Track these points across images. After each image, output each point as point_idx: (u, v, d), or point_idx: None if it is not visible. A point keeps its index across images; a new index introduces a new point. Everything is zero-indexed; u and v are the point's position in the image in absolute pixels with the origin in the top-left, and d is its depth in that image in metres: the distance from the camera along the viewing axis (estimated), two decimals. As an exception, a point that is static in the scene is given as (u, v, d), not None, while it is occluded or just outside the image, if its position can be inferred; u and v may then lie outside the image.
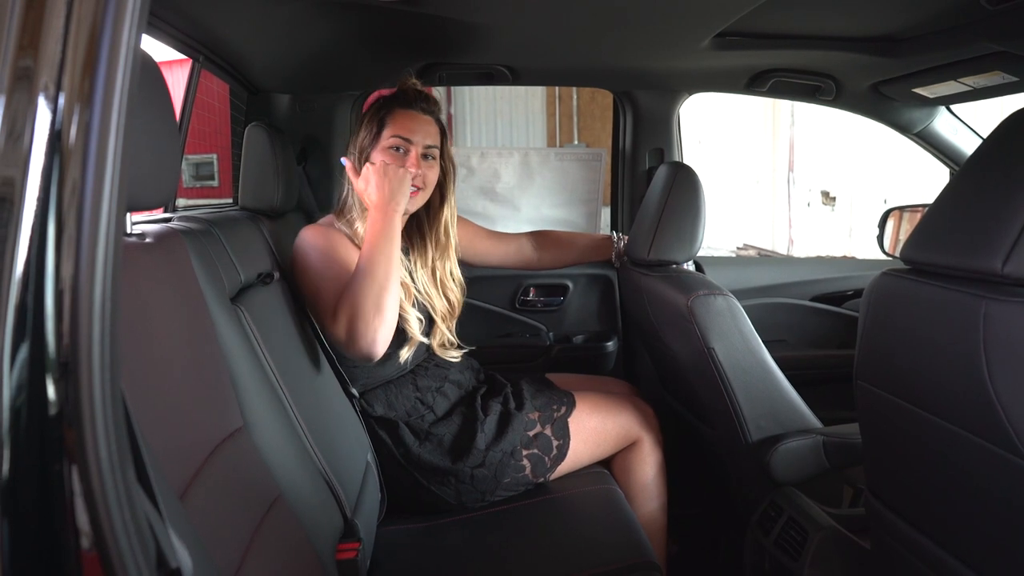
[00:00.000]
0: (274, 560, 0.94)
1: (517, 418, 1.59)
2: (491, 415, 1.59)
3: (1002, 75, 1.53)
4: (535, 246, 1.99)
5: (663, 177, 1.80)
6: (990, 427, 0.80)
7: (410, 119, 1.54)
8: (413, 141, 1.53)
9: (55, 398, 0.47)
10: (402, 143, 1.53)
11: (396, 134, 1.53)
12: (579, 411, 1.65)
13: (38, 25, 0.47)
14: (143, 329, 0.82)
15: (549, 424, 1.62)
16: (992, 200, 0.82)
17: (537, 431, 1.60)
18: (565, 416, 1.64)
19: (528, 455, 1.57)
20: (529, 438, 1.59)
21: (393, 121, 1.53)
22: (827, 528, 1.35)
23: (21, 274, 0.46)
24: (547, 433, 1.61)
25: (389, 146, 1.52)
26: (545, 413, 1.63)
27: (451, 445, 1.54)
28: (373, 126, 1.54)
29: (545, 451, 1.59)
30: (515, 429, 1.57)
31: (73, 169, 0.47)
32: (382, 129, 1.53)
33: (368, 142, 1.54)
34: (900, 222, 2.03)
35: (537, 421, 1.61)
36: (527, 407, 1.63)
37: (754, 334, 1.48)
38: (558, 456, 1.60)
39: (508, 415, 1.60)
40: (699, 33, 1.55)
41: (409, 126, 1.54)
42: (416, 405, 1.58)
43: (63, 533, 0.47)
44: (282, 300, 1.39)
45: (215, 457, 0.88)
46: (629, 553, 1.34)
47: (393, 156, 1.52)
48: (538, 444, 1.59)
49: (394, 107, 1.55)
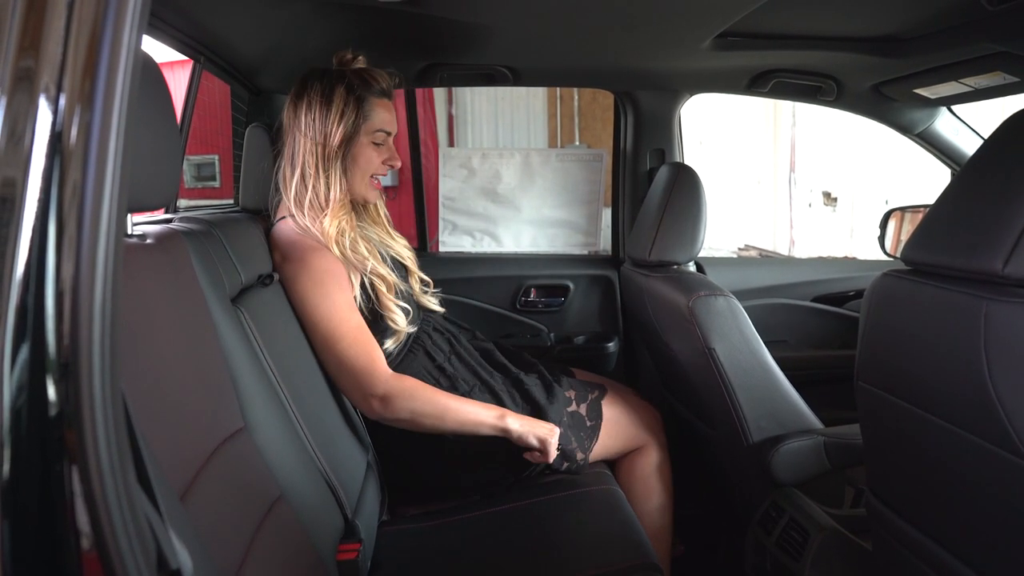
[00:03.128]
0: (275, 561, 0.94)
1: (558, 390, 1.60)
2: (534, 386, 1.59)
3: (1003, 75, 1.53)
4: None
5: (664, 178, 1.80)
6: (991, 428, 0.80)
7: (387, 110, 1.51)
8: (391, 133, 1.53)
9: (55, 399, 0.47)
10: (384, 136, 1.51)
11: (381, 128, 1.49)
12: (605, 401, 1.68)
13: (39, 26, 0.47)
14: (144, 330, 0.82)
15: (584, 403, 1.64)
16: (993, 201, 0.82)
17: (573, 409, 1.62)
18: (599, 398, 1.66)
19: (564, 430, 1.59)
20: (568, 413, 1.60)
21: (375, 113, 1.48)
22: (828, 528, 1.35)
23: (22, 275, 0.46)
24: (581, 412, 1.63)
25: (372, 140, 1.49)
26: (580, 392, 1.65)
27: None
28: (353, 116, 1.46)
29: (579, 428, 1.61)
30: (558, 399, 1.58)
31: (74, 170, 0.47)
32: (364, 121, 1.47)
33: (347, 134, 1.46)
34: (901, 223, 2.03)
35: (573, 399, 1.63)
36: (564, 384, 1.65)
37: (755, 335, 1.48)
38: (592, 434, 1.62)
39: (550, 384, 1.61)
40: (700, 33, 1.54)
41: (388, 119, 1.51)
42: (437, 377, 1.53)
43: (63, 534, 0.47)
44: (282, 301, 1.39)
45: (216, 458, 0.88)
46: (630, 554, 1.34)
47: (375, 150, 1.50)
48: (573, 421, 1.61)
49: (370, 97, 1.47)
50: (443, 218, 2.39)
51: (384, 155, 1.52)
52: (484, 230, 2.39)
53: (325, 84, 1.45)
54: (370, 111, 1.48)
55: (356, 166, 1.49)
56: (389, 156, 1.53)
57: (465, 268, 2.25)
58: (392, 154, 1.53)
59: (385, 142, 1.52)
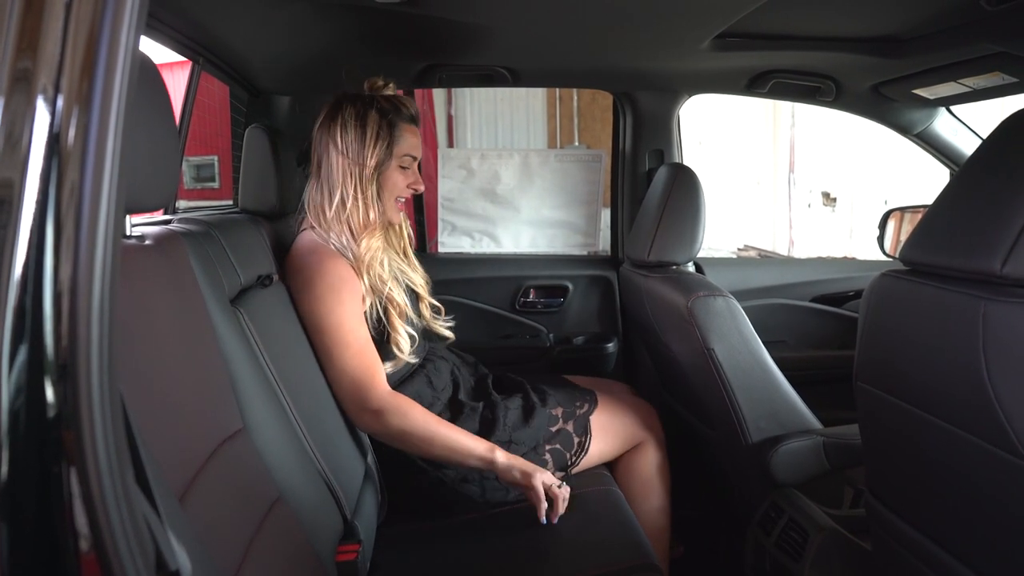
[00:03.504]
0: (274, 562, 0.93)
1: (540, 412, 1.60)
2: (513, 409, 1.59)
3: (1002, 76, 1.53)
4: None
5: (663, 178, 1.80)
6: (989, 428, 0.80)
7: (415, 135, 1.54)
8: (417, 159, 1.55)
9: (54, 400, 0.47)
10: (411, 161, 1.54)
11: (409, 153, 1.52)
12: (597, 410, 1.67)
13: (37, 27, 0.46)
14: (142, 331, 0.82)
15: (571, 420, 1.64)
16: (991, 201, 0.82)
17: (559, 427, 1.62)
18: (587, 414, 1.66)
19: (550, 450, 1.59)
20: (552, 433, 1.60)
21: (403, 138, 1.51)
22: (828, 529, 1.35)
23: (20, 276, 0.46)
24: (569, 429, 1.62)
25: (400, 164, 1.52)
26: (568, 409, 1.65)
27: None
28: (386, 142, 1.48)
29: (567, 447, 1.61)
30: (538, 423, 1.58)
31: (72, 171, 0.47)
32: (394, 145, 1.50)
33: (381, 158, 1.48)
34: (901, 223, 2.03)
35: (560, 417, 1.63)
36: (550, 402, 1.64)
37: (754, 335, 1.48)
38: (579, 452, 1.62)
39: (531, 408, 1.60)
40: (699, 34, 1.54)
41: (416, 144, 1.55)
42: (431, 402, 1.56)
43: (62, 535, 0.47)
44: (282, 302, 1.39)
45: (214, 459, 0.88)
46: (629, 554, 1.34)
47: (402, 174, 1.52)
48: (560, 439, 1.60)
49: (400, 123, 1.51)
50: (442, 219, 2.39)
51: (410, 179, 1.54)
52: (483, 231, 2.39)
53: (359, 108, 1.48)
54: (400, 136, 1.51)
55: (386, 189, 1.51)
56: (414, 180, 1.55)
57: (464, 269, 2.25)
58: (417, 178, 1.55)
59: (411, 166, 1.54)
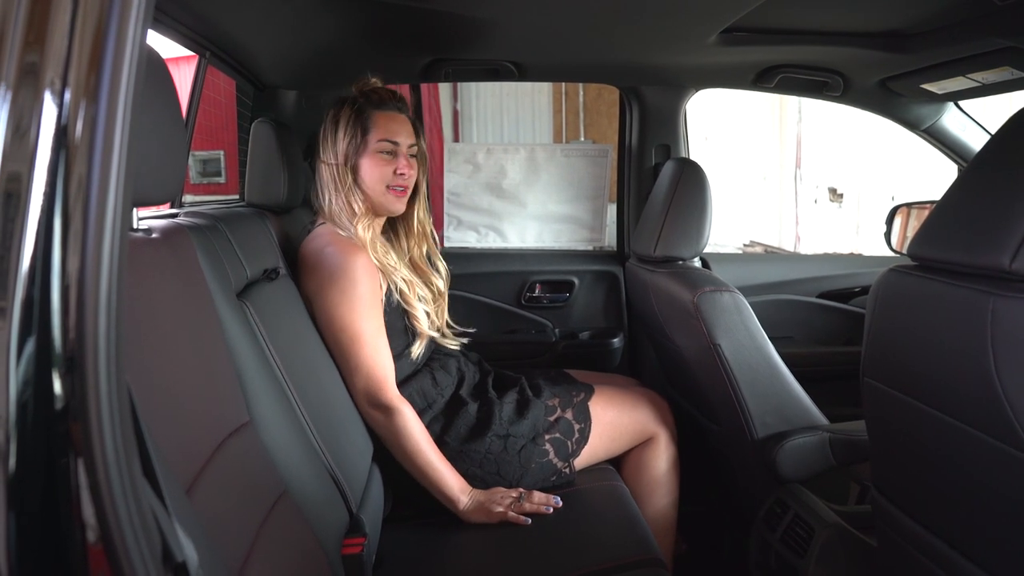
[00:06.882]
0: (280, 554, 0.94)
1: (536, 404, 1.60)
2: (508, 403, 1.60)
3: (1011, 71, 1.52)
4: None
5: (669, 173, 1.79)
6: (997, 424, 0.80)
7: (391, 120, 1.54)
8: (399, 143, 1.54)
9: (61, 392, 0.47)
10: (390, 146, 1.53)
11: (384, 138, 1.52)
12: (597, 403, 1.66)
13: (44, 21, 0.47)
14: (149, 324, 0.82)
15: (570, 408, 1.63)
16: (1000, 196, 0.82)
17: (558, 415, 1.62)
18: (585, 400, 1.65)
19: (550, 439, 1.58)
20: (550, 423, 1.60)
21: (375, 125, 1.52)
22: (833, 525, 1.35)
23: (27, 269, 0.46)
24: (568, 417, 1.62)
25: (378, 151, 1.52)
26: (564, 398, 1.65)
27: (467, 434, 1.54)
28: (356, 132, 1.51)
29: (567, 435, 1.60)
30: (534, 414, 1.58)
31: (79, 165, 0.47)
32: (366, 134, 1.51)
33: (354, 149, 1.51)
34: (908, 219, 2.02)
35: (557, 406, 1.63)
36: (545, 394, 1.64)
37: (760, 331, 1.48)
38: (580, 440, 1.61)
39: (526, 401, 1.61)
40: (706, 29, 1.54)
41: (393, 128, 1.53)
42: (435, 398, 1.58)
43: (69, 527, 0.47)
44: (288, 296, 1.39)
45: (221, 452, 0.89)
46: (634, 549, 1.34)
47: (384, 161, 1.52)
48: (559, 428, 1.60)
49: (370, 109, 1.52)
50: (448, 213, 2.39)
51: (394, 165, 1.54)
52: (489, 225, 2.39)
53: (337, 108, 1.53)
54: (370, 123, 1.52)
55: (368, 177, 1.52)
56: (398, 166, 1.54)
57: (470, 264, 2.25)
58: (400, 164, 1.54)
59: (394, 152, 1.54)
